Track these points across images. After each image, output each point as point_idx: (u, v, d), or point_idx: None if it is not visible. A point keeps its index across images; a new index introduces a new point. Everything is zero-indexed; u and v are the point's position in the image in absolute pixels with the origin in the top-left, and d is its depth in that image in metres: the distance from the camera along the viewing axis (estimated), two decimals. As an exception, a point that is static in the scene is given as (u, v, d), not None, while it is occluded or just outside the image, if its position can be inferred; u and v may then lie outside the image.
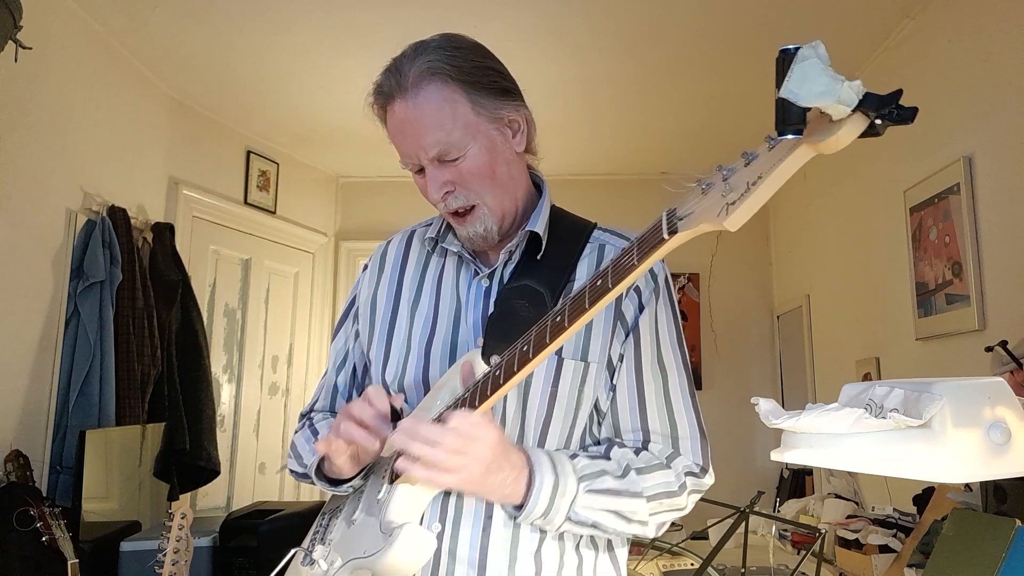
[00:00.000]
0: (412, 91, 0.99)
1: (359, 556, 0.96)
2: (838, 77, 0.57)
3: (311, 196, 4.37)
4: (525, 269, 1.06)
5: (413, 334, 1.10)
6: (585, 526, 0.98)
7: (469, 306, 1.08)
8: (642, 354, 1.05)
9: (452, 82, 1.00)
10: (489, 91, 1.03)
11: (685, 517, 1.09)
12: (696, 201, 0.72)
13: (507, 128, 1.06)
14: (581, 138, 3.89)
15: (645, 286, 1.06)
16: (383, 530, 0.95)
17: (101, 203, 2.79)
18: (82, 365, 2.57)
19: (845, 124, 0.58)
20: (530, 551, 1.00)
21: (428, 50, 1.02)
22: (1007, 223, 2.09)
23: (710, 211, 0.69)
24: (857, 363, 3.04)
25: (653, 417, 1.04)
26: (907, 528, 2.20)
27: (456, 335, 1.07)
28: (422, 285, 1.13)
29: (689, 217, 0.72)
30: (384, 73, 1.03)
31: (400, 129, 1.02)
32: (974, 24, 2.25)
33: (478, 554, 0.99)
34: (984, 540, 1.20)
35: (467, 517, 1.00)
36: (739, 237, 4.39)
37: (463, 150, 1.01)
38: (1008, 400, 0.83)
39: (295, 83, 3.27)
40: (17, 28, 2.02)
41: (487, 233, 1.05)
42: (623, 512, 0.98)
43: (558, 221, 1.11)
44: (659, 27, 2.77)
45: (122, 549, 2.34)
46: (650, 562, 2.33)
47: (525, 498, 0.94)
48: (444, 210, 1.05)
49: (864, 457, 0.88)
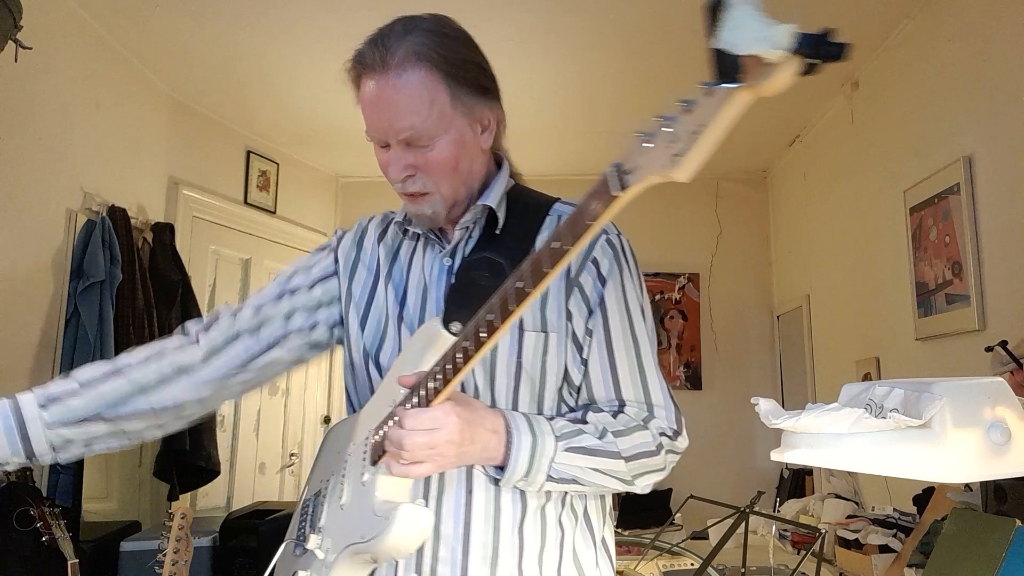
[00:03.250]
0: (396, 70, 0.99)
1: (358, 541, 0.96)
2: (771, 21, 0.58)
3: (311, 196, 4.37)
4: (485, 243, 1.08)
5: (390, 310, 1.12)
6: (566, 482, 0.98)
7: (433, 283, 1.10)
8: (612, 326, 1.06)
9: (436, 71, 1.00)
10: (470, 87, 1.04)
11: (685, 517, 1.09)
12: (640, 153, 0.71)
13: (478, 124, 1.07)
14: (581, 138, 3.89)
15: (603, 256, 1.07)
16: (377, 513, 0.95)
17: (101, 203, 2.79)
18: (82, 365, 2.56)
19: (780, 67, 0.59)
20: (512, 525, 1.01)
21: (418, 31, 1.01)
22: (1007, 223, 2.09)
23: (657, 162, 0.69)
24: (857, 363, 3.04)
25: (627, 386, 1.05)
26: (907, 528, 2.20)
27: (423, 312, 1.09)
28: (394, 264, 1.16)
29: (637, 170, 0.72)
30: (369, 44, 1.02)
31: (375, 104, 1.01)
32: (974, 24, 2.25)
33: (462, 529, 1.00)
34: (984, 540, 1.20)
35: (449, 493, 1.01)
36: (739, 237, 4.42)
37: (433, 140, 1.01)
38: (1008, 400, 0.83)
39: (295, 83, 3.27)
40: (17, 28, 2.02)
41: (434, 216, 1.07)
42: (603, 469, 0.99)
43: (517, 196, 1.12)
44: (659, 27, 2.77)
45: (122, 549, 2.34)
46: (650, 562, 2.33)
47: (505, 459, 0.95)
48: (399, 189, 1.06)
49: (864, 457, 0.88)
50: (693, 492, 2.24)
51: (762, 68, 0.59)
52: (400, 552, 0.95)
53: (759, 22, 0.58)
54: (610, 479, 1.00)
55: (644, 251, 4.59)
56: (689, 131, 0.65)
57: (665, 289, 4.43)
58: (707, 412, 4.31)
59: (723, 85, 0.61)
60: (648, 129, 0.70)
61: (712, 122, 0.64)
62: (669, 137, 0.68)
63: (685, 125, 0.66)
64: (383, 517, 0.94)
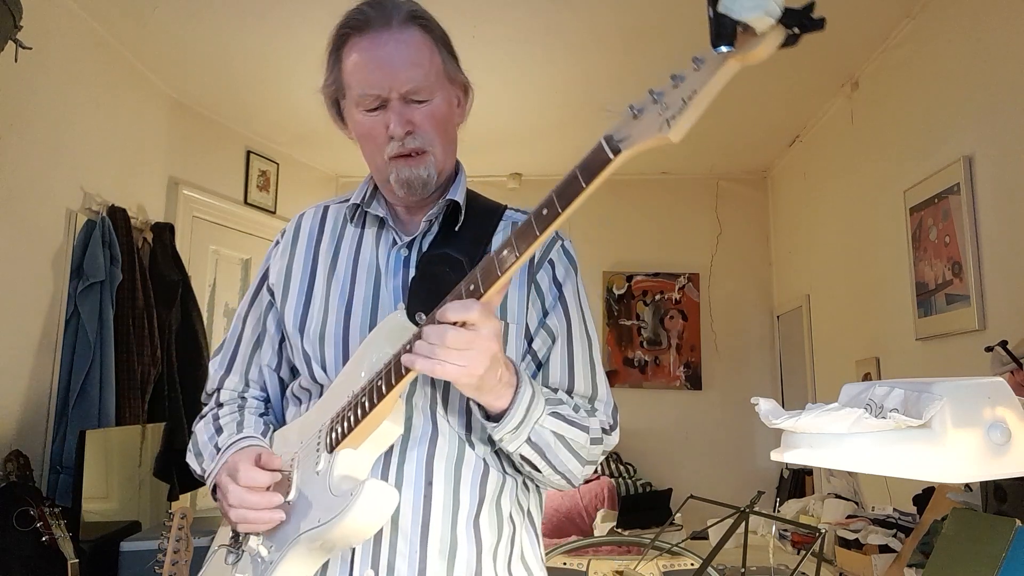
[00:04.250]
0: (399, 27, 1.03)
1: (313, 527, 0.92)
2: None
3: (311, 196, 4.37)
4: (444, 240, 1.09)
5: (331, 297, 1.10)
6: (536, 449, 0.98)
7: (388, 273, 1.09)
8: (572, 322, 1.09)
9: (432, 34, 1.06)
10: (452, 55, 1.10)
11: (685, 517, 1.10)
12: (631, 124, 0.74)
13: (455, 97, 1.11)
14: (580, 138, 3.89)
15: (559, 261, 1.12)
16: (336, 493, 0.91)
17: (101, 203, 2.79)
18: (82, 365, 2.57)
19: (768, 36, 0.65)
20: (469, 517, 1.01)
21: (410, 2, 1.07)
22: (1007, 223, 2.09)
23: (650, 128, 0.72)
24: (857, 363, 3.04)
25: (579, 379, 1.08)
26: (907, 528, 2.20)
27: (376, 299, 1.07)
28: (338, 254, 1.14)
29: (629, 137, 0.74)
30: (364, 6, 1.05)
31: (378, 59, 1.03)
32: (974, 24, 2.25)
33: (421, 521, 0.99)
34: (984, 540, 1.20)
35: (408, 486, 0.99)
36: (739, 237, 4.42)
37: (432, 95, 1.04)
38: (1008, 400, 0.83)
39: (295, 83, 3.27)
40: (17, 28, 2.02)
41: (428, 179, 1.07)
42: (570, 440, 1.00)
43: (472, 199, 1.14)
44: (658, 27, 2.78)
45: (122, 549, 2.34)
46: (650, 562, 2.33)
47: (509, 404, 0.94)
48: (396, 151, 1.05)
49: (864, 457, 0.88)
50: (693, 492, 2.24)
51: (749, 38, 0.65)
52: (359, 533, 0.91)
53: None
54: (570, 456, 1.01)
55: (644, 251, 4.59)
56: (682, 98, 0.69)
57: (665, 289, 4.43)
58: (707, 412, 4.31)
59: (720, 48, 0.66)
60: (638, 104, 0.73)
61: (704, 87, 0.68)
62: (661, 107, 0.71)
63: (677, 94, 0.70)
64: (344, 495, 0.90)
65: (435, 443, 1.01)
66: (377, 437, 0.95)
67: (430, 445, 1.01)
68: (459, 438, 1.03)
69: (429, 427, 1.02)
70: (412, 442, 1.01)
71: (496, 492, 1.04)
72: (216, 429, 1.12)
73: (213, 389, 1.21)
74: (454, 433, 1.03)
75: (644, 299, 4.44)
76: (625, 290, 4.44)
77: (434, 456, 1.01)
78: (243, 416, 1.14)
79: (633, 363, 4.42)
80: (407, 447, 1.01)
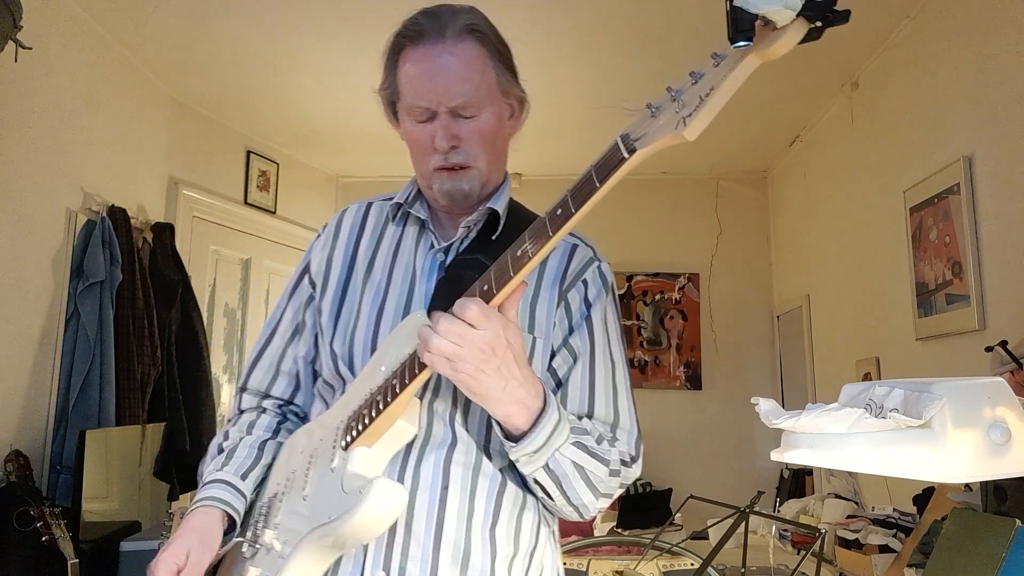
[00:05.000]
0: (453, 39, 1.02)
1: (324, 522, 0.93)
2: None
3: (311, 196, 4.37)
4: (479, 246, 1.09)
5: (364, 301, 1.10)
6: (552, 478, 0.97)
7: (422, 276, 1.09)
8: (596, 344, 1.08)
9: (487, 46, 1.05)
10: (508, 68, 1.09)
11: (685, 517, 1.10)
12: (648, 123, 0.73)
13: (509, 108, 1.11)
14: (580, 138, 3.89)
15: (592, 282, 1.11)
16: (347, 490, 0.92)
17: (101, 203, 2.79)
18: (82, 365, 2.57)
19: (788, 30, 0.62)
20: (484, 527, 1.00)
21: (469, 11, 1.06)
22: (1007, 223, 2.09)
23: (666, 126, 0.71)
24: (857, 363, 3.04)
25: (600, 404, 1.06)
26: (907, 528, 2.20)
27: (408, 304, 1.08)
28: (376, 253, 1.14)
29: (645, 136, 0.73)
30: (420, 16, 1.05)
31: (429, 71, 1.02)
32: (974, 24, 2.25)
33: (434, 526, 0.98)
34: (984, 540, 1.20)
35: (423, 489, 0.99)
36: (739, 237, 4.42)
37: (480, 110, 1.04)
38: (1008, 400, 0.83)
39: (295, 83, 3.27)
40: (17, 28, 2.02)
41: (470, 192, 1.07)
42: (589, 472, 0.99)
43: (515, 210, 1.14)
44: (657, 28, 2.77)
45: (122, 549, 2.34)
46: (650, 562, 2.33)
47: (531, 427, 0.93)
48: (439, 163, 1.05)
49: (864, 457, 0.88)
50: (693, 492, 2.24)
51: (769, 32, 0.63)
52: (368, 531, 0.92)
53: None
54: (586, 489, 0.99)
55: (644, 251, 4.59)
56: (699, 95, 0.68)
57: (665, 289, 4.43)
58: (707, 412, 4.31)
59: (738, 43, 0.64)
60: (656, 102, 0.72)
61: (721, 84, 0.66)
62: (678, 105, 0.70)
63: (695, 91, 0.69)
64: (353, 493, 0.90)
65: (453, 449, 1.02)
66: (391, 436, 0.96)
67: (448, 450, 1.01)
68: (476, 448, 1.03)
69: (449, 434, 1.02)
70: (431, 446, 1.01)
71: (517, 506, 1.04)
72: (217, 450, 1.14)
73: (241, 386, 1.22)
74: (472, 443, 1.03)
75: (644, 299, 4.44)
76: (625, 290, 4.43)
77: (451, 461, 1.01)
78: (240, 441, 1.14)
79: (633, 363, 4.42)
80: (425, 450, 1.01)
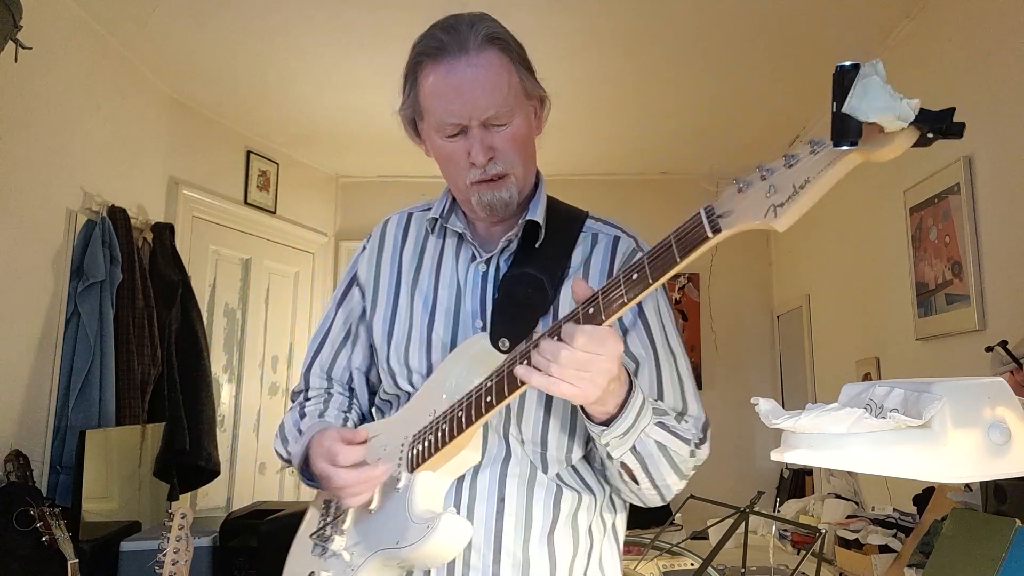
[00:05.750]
0: (476, 52, 1.01)
1: (391, 546, 0.97)
2: (896, 95, 0.59)
3: (311, 196, 4.37)
4: (523, 257, 1.09)
5: (415, 310, 1.12)
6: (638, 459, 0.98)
7: (468, 289, 1.10)
8: (655, 340, 1.08)
9: (508, 52, 1.05)
10: (528, 70, 1.09)
11: (685, 517, 1.11)
12: (735, 200, 0.72)
13: (533, 108, 1.11)
14: (580, 138, 3.89)
15: None
16: (415, 520, 0.95)
17: (101, 203, 2.79)
18: (82, 365, 2.57)
19: (899, 137, 0.60)
20: (543, 534, 1.02)
21: (484, 19, 1.06)
22: (1007, 223, 2.09)
23: (754, 210, 0.70)
24: (857, 363, 3.04)
25: (668, 395, 1.08)
26: (907, 528, 2.20)
27: (458, 315, 1.09)
28: (420, 266, 1.15)
29: (732, 215, 0.72)
30: (438, 30, 1.04)
31: (456, 87, 1.01)
32: (974, 24, 2.25)
33: (492, 538, 1.01)
34: (984, 540, 1.20)
35: (480, 502, 1.02)
36: (739, 237, 4.39)
37: (511, 117, 1.04)
38: (1008, 400, 0.83)
39: (295, 83, 3.26)
40: (17, 28, 2.02)
41: (511, 200, 1.06)
42: (672, 452, 0.99)
43: (552, 210, 1.13)
44: (657, 27, 2.77)
45: (122, 549, 2.34)
46: (650, 562, 2.33)
47: (620, 410, 0.93)
48: (478, 177, 1.04)
49: (864, 457, 0.88)
50: (693, 492, 2.24)
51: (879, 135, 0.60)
52: (435, 561, 0.96)
53: (886, 93, 0.59)
54: (670, 469, 1.00)
55: (644, 251, 4.50)
56: (792, 183, 0.67)
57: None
58: (707, 412, 4.30)
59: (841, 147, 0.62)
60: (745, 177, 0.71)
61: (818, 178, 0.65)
62: (767, 187, 0.69)
63: (788, 177, 0.67)
64: (422, 524, 0.94)
65: (508, 463, 1.04)
66: (455, 463, 1.00)
67: (503, 465, 1.03)
68: (530, 463, 1.04)
69: (503, 448, 1.04)
70: (486, 460, 1.03)
71: (572, 510, 1.05)
72: (300, 415, 1.18)
73: (300, 389, 1.25)
74: (526, 457, 1.04)
75: (644, 299, 4.44)
76: (625, 290, 4.43)
77: (506, 475, 1.03)
78: (326, 407, 1.18)
79: (633, 363, 4.42)
80: (480, 465, 1.03)
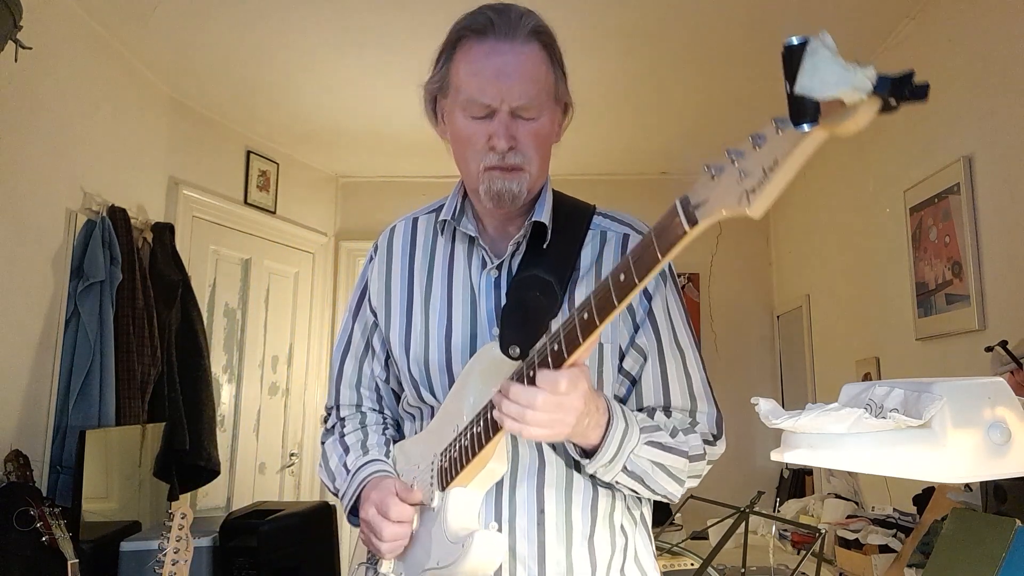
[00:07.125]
0: (522, 39, 1.02)
1: (432, 567, 0.99)
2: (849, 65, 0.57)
3: (311, 196, 4.37)
4: (532, 258, 1.08)
5: (430, 319, 1.12)
6: (634, 478, 1.00)
7: (482, 295, 1.10)
8: (662, 337, 1.09)
9: (549, 50, 1.06)
10: (563, 75, 1.10)
11: (685, 517, 1.11)
12: (709, 187, 0.70)
13: (560, 111, 1.11)
14: (580, 138, 3.88)
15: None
16: (451, 539, 0.97)
17: (101, 203, 2.79)
18: (82, 365, 2.57)
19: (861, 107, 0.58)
20: (583, 538, 1.03)
21: (534, 14, 1.06)
22: (1007, 223, 2.09)
23: (728, 197, 0.67)
24: (857, 363, 3.04)
25: (675, 395, 1.08)
26: (907, 528, 2.20)
27: (474, 325, 1.09)
28: (432, 272, 1.15)
29: (706, 205, 0.70)
30: (488, 10, 1.04)
31: (495, 68, 1.01)
32: (974, 24, 2.25)
33: (536, 548, 1.02)
34: (984, 540, 1.20)
35: (520, 514, 1.03)
36: (739, 237, 4.41)
37: (540, 113, 1.04)
38: (1008, 400, 0.83)
39: (295, 83, 3.26)
40: (17, 28, 2.02)
41: (519, 194, 1.05)
42: (668, 467, 1.01)
43: (559, 206, 1.13)
44: (657, 27, 2.77)
45: (122, 549, 2.34)
46: (650, 562, 2.33)
47: (601, 441, 0.95)
48: (494, 163, 1.03)
49: (864, 457, 0.88)
50: (693, 492, 2.24)
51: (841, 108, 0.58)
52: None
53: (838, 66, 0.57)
54: (669, 480, 1.02)
55: (644, 251, 4.49)
56: (762, 166, 0.65)
57: (665, 289, 4.42)
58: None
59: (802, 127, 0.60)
60: (715, 162, 0.68)
61: (787, 159, 0.63)
62: (739, 171, 0.66)
63: (757, 160, 0.65)
64: (458, 543, 0.96)
65: (543, 472, 1.04)
66: (484, 476, 1.01)
67: (539, 475, 1.04)
68: (565, 465, 1.05)
69: (536, 458, 1.05)
70: (521, 472, 1.04)
71: (608, 510, 1.07)
72: (344, 448, 1.18)
73: (331, 405, 1.25)
74: (560, 461, 1.05)
75: (644, 299, 4.44)
76: (625, 290, 4.43)
77: (544, 485, 1.04)
78: (366, 435, 1.19)
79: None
80: (517, 478, 1.04)
